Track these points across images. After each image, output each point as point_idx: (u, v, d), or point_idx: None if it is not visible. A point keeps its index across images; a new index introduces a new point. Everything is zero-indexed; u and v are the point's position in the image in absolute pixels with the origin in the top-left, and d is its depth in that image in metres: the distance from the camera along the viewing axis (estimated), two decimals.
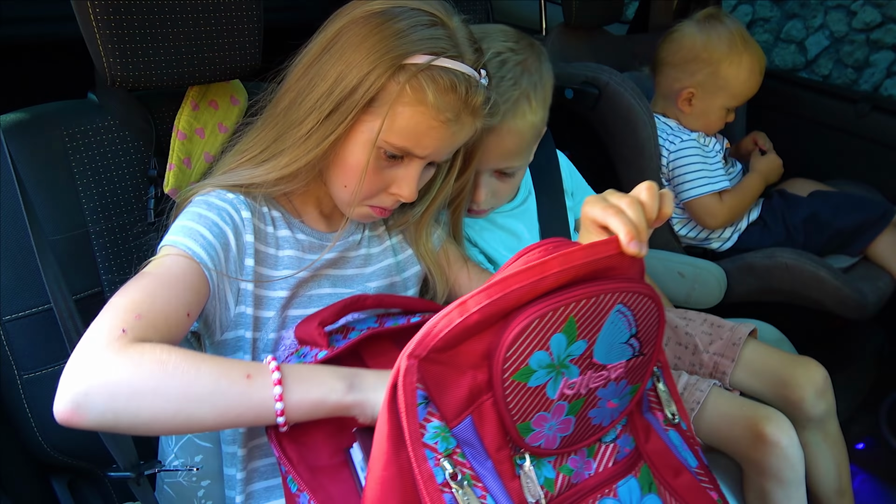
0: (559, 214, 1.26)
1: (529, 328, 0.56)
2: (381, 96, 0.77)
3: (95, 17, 0.83)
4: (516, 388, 0.59)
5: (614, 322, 0.61)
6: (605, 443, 0.68)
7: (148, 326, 0.66)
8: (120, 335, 0.63)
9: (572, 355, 0.59)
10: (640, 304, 0.63)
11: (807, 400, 1.16)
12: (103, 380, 0.61)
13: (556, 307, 0.57)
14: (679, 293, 1.49)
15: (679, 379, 1.15)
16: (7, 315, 0.84)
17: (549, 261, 0.57)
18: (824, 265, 1.50)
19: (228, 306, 0.80)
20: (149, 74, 0.88)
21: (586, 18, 1.81)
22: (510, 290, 0.56)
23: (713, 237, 1.63)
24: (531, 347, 0.57)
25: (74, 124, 0.90)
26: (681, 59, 1.58)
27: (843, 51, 2.44)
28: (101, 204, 0.91)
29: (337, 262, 0.90)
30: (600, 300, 0.59)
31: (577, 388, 0.61)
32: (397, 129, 0.78)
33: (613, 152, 1.59)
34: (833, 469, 1.20)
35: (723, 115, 1.61)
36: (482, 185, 1.04)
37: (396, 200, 0.85)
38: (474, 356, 0.58)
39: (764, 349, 1.24)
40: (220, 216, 0.79)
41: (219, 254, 0.76)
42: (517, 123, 0.99)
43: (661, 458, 0.70)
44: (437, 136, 0.80)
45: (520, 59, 1.00)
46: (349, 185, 0.83)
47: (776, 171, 1.69)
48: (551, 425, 0.62)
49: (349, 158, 0.81)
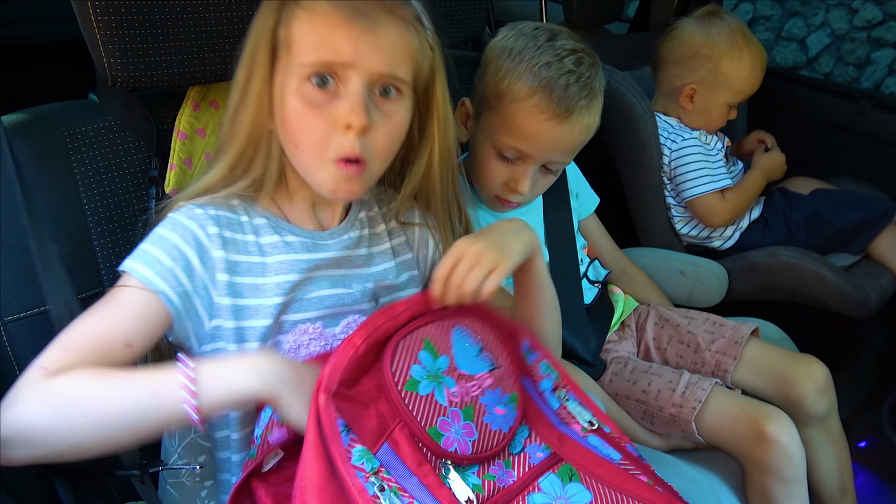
0: (564, 215, 1.26)
1: (399, 348, 0.74)
2: (280, 35, 0.77)
3: (96, 17, 0.83)
4: (412, 398, 0.72)
5: (459, 340, 0.77)
6: (515, 454, 0.77)
7: (73, 358, 0.68)
8: (40, 373, 0.67)
9: (442, 368, 0.75)
10: (473, 325, 0.79)
11: (808, 398, 1.16)
12: (18, 426, 0.64)
13: (411, 330, 0.76)
14: (681, 292, 1.49)
15: (681, 378, 1.15)
16: (8, 315, 0.84)
17: (396, 304, 0.77)
18: (826, 263, 1.50)
19: (201, 321, 0.79)
20: (149, 75, 0.88)
21: (587, 17, 1.81)
22: (378, 325, 0.74)
23: (715, 235, 1.62)
24: (407, 362, 0.73)
25: (75, 125, 0.90)
26: (682, 55, 1.57)
27: (845, 48, 2.44)
28: (102, 204, 0.91)
29: (338, 261, 0.89)
30: (439, 325, 0.77)
31: (462, 396, 0.74)
32: (306, 48, 0.76)
33: (614, 151, 1.59)
34: (835, 467, 1.20)
35: (724, 112, 1.61)
36: (529, 176, 1.05)
37: (354, 141, 0.76)
38: (372, 390, 0.72)
39: (765, 347, 1.24)
40: (183, 236, 0.78)
41: (178, 276, 0.76)
42: (587, 120, 1.03)
43: (579, 455, 0.77)
44: (347, 36, 0.75)
45: (593, 62, 1.04)
46: (297, 141, 0.79)
47: (778, 168, 1.69)
48: (456, 429, 0.73)
49: (285, 111, 0.78)
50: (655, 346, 1.32)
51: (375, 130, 0.78)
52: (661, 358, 1.30)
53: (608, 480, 0.75)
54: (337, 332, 0.87)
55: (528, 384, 0.84)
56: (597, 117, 1.06)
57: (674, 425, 1.13)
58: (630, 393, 1.17)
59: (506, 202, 1.11)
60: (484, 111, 1.08)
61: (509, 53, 1.04)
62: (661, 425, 1.15)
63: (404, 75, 0.80)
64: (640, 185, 1.58)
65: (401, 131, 0.83)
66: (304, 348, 0.85)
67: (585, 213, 1.40)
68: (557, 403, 0.82)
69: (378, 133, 0.78)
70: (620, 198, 1.64)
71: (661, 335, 1.32)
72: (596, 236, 1.43)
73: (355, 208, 0.93)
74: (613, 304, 1.35)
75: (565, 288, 1.22)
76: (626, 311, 1.36)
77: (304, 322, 0.85)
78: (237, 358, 0.74)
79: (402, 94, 0.81)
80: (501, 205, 1.12)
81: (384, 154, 0.82)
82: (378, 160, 0.81)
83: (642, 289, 1.43)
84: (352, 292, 0.89)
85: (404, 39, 0.79)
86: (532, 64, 1.01)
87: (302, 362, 0.77)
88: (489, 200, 1.14)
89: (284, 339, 0.84)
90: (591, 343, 1.23)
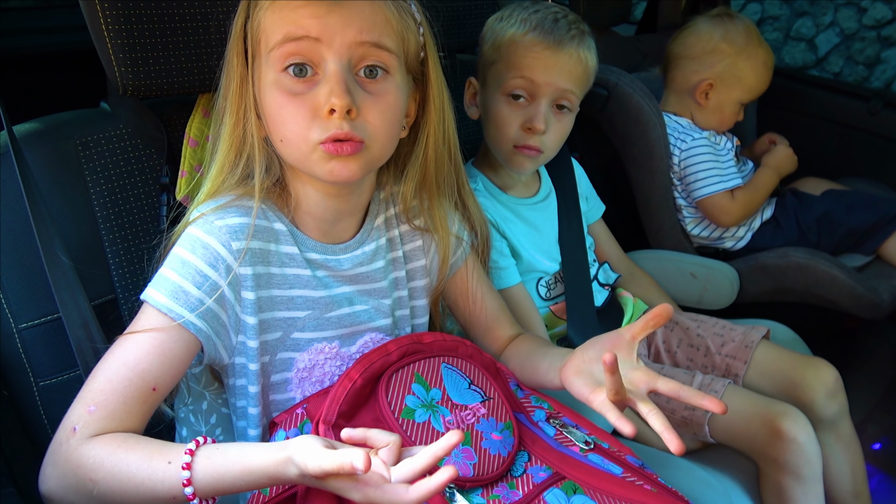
0: (576, 217, 1.27)
1: (393, 381, 0.79)
2: (250, 31, 0.77)
3: (107, 26, 0.83)
4: (410, 425, 0.76)
5: (450, 375, 0.82)
6: (517, 477, 0.78)
7: (103, 418, 0.70)
8: (70, 436, 0.69)
9: (435, 398, 0.79)
10: (458, 363, 0.85)
11: (817, 401, 1.16)
12: (45, 491, 0.71)
13: (403, 366, 0.81)
14: (691, 294, 1.49)
15: (693, 379, 1.14)
16: (23, 323, 0.85)
17: (388, 343, 0.83)
18: (838, 264, 1.49)
19: (230, 335, 0.79)
20: (160, 83, 0.88)
21: (594, 19, 1.81)
22: (373, 360, 0.79)
23: (727, 236, 1.62)
24: (401, 393, 0.78)
25: (87, 133, 0.91)
26: (699, 50, 1.59)
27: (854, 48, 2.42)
28: (113, 212, 0.92)
29: (353, 277, 0.87)
30: (429, 362, 0.83)
31: (458, 423, 0.78)
32: (273, 34, 0.74)
33: (623, 153, 1.59)
34: (847, 470, 1.19)
35: (736, 111, 1.62)
36: (542, 112, 1.10)
37: (341, 122, 0.73)
38: (369, 423, 0.76)
39: (775, 351, 1.24)
40: (205, 258, 0.75)
41: (202, 300, 0.75)
42: (582, 53, 1.11)
43: (581, 472, 0.78)
44: (312, 13, 0.73)
45: (577, 17, 1.15)
46: (282, 134, 0.76)
47: (788, 164, 1.68)
48: (455, 453, 0.75)
49: (266, 106, 0.76)
50: (665, 349, 1.31)
51: (366, 111, 0.75)
52: (671, 361, 1.30)
53: (612, 492, 0.75)
54: (353, 351, 0.87)
55: (522, 417, 0.86)
56: (592, 54, 1.14)
57: (685, 428, 1.12)
58: None
59: (526, 149, 1.12)
60: (488, 71, 1.15)
61: (500, 18, 1.16)
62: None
63: (388, 44, 0.76)
64: (650, 187, 1.57)
65: (395, 111, 0.79)
66: (320, 367, 0.85)
67: (593, 219, 1.41)
68: (553, 431, 0.85)
69: (370, 114, 0.75)
70: (629, 200, 1.63)
71: (670, 338, 1.31)
72: (603, 241, 1.43)
73: (371, 217, 0.90)
74: (623, 307, 1.34)
75: (576, 289, 1.22)
76: (636, 314, 1.35)
77: (321, 341, 0.84)
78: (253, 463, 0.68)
79: (390, 74, 0.78)
80: (522, 155, 1.13)
81: (383, 135, 0.78)
82: (378, 141, 0.77)
83: (650, 292, 1.43)
84: (367, 309, 0.88)
85: (380, 10, 0.76)
86: (522, 16, 1.13)
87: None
88: (509, 158, 1.15)
89: (300, 357, 0.83)
90: None
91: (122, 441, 0.69)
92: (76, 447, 0.68)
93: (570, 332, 1.19)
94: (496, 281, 1.15)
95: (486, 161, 1.23)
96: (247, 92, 0.78)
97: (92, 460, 0.67)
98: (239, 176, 0.80)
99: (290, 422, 0.80)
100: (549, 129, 1.11)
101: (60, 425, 0.71)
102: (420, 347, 0.84)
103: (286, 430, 0.79)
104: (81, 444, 0.68)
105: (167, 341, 0.73)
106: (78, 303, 0.81)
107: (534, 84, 1.09)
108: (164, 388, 0.74)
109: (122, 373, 0.71)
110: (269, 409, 0.84)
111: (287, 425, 0.80)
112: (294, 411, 0.81)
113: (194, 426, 0.89)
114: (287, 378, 0.84)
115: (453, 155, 0.92)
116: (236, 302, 0.78)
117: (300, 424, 0.79)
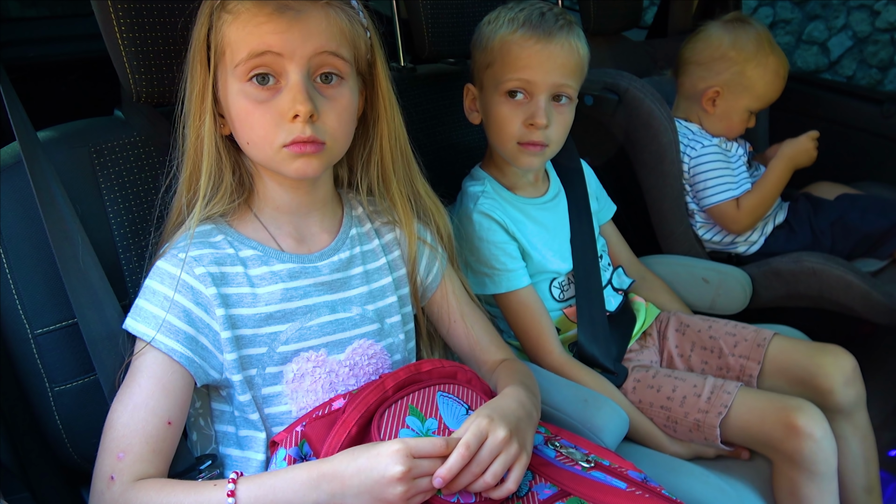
0: (587, 219, 1.27)
1: (385, 417, 0.79)
2: (213, 42, 0.81)
3: (121, 34, 0.84)
4: None
5: (446, 403, 0.83)
6: (522, 496, 0.79)
7: (134, 462, 0.75)
8: (110, 484, 0.74)
9: (432, 428, 0.80)
10: (455, 390, 0.85)
11: (836, 389, 1.15)
12: None
13: (396, 400, 0.81)
14: (703, 299, 1.48)
15: (706, 382, 1.14)
16: (39, 328, 0.86)
17: (384, 377, 0.83)
18: (852, 269, 1.48)
19: (213, 354, 0.82)
20: (173, 90, 0.89)
21: (605, 25, 1.81)
22: (369, 402, 0.80)
23: (739, 241, 1.61)
24: (395, 426, 0.78)
25: (101, 141, 0.92)
26: (707, 57, 1.57)
27: (867, 51, 2.41)
28: (127, 219, 0.93)
29: (331, 284, 0.89)
30: (424, 392, 0.83)
31: None
32: (238, 49, 0.79)
33: (634, 158, 1.58)
34: (861, 464, 1.18)
35: (745, 119, 1.60)
36: (542, 107, 1.11)
37: (304, 127, 0.79)
38: None
39: (788, 344, 1.23)
40: (172, 286, 0.81)
41: (177, 325, 0.79)
42: (573, 42, 1.12)
43: (586, 487, 0.78)
44: (274, 30, 0.78)
45: (562, 11, 1.15)
46: (248, 137, 0.82)
47: (804, 156, 1.60)
48: None
49: (232, 112, 0.82)
50: (679, 353, 1.30)
51: (325, 115, 0.81)
52: (685, 365, 1.29)
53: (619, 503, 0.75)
54: (342, 358, 0.88)
55: None
56: (582, 43, 1.15)
57: (697, 432, 1.12)
58: (654, 399, 1.16)
59: (530, 145, 1.13)
60: (484, 75, 1.16)
61: (489, 22, 1.17)
62: (683, 432, 1.14)
63: (344, 53, 0.83)
64: (661, 192, 1.57)
65: (350, 112, 0.86)
66: (309, 376, 0.86)
67: (604, 219, 1.41)
68: (553, 452, 0.86)
69: (328, 117, 0.81)
70: (641, 205, 1.63)
71: (683, 342, 1.30)
72: (614, 243, 1.43)
73: (346, 226, 0.94)
74: (635, 312, 1.34)
75: (587, 293, 1.22)
76: (648, 319, 1.35)
77: (307, 350, 0.86)
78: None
79: (343, 79, 0.84)
80: (528, 152, 1.14)
81: (341, 135, 0.85)
82: (337, 141, 0.84)
83: (661, 296, 1.42)
84: (351, 316, 0.89)
85: (335, 22, 0.82)
86: (509, 16, 1.14)
87: None
88: (515, 156, 1.16)
89: (287, 367, 0.85)
90: (611, 350, 1.22)
91: (164, 482, 0.75)
92: (121, 493, 0.73)
93: (581, 337, 1.19)
94: (504, 283, 1.15)
95: (492, 163, 1.24)
96: (207, 96, 0.83)
97: (141, 501, 0.72)
98: (202, 193, 0.85)
99: (290, 440, 0.81)
100: (551, 123, 1.12)
101: (94, 477, 0.75)
102: (419, 377, 0.85)
103: (287, 449, 0.81)
104: (126, 490, 0.73)
105: (164, 376, 0.78)
106: (101, 307, 0.82)
107: (530, 79, 1.10)
108: (178, 421, 0.78)
109: (138, 415, 0.76)
110: (268, 424, 0.86)
111: (287, 444, 0.81)
112: (293, 429, 0.82)
113: (204, 430, 0.89)
114: (279, 392, 0.86)
115: (402, 146, 0.97)
116: (211, 320, 0.82)
117: (300, 443, 0.80)
